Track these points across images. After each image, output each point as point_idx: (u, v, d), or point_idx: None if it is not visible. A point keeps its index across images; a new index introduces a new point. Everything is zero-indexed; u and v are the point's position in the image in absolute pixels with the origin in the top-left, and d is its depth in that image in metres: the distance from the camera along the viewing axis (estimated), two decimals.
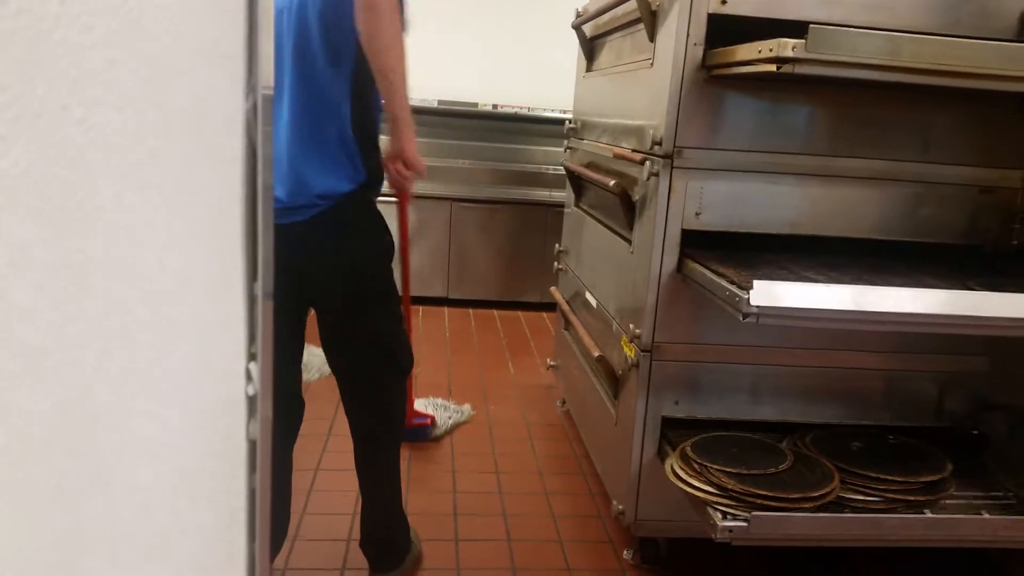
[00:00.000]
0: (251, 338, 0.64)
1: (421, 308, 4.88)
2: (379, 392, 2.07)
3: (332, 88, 1.83)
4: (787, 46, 1.66)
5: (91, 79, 0.39)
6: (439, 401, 3.37)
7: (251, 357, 0.64)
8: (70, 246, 0.39)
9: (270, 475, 0.63)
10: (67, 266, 0.39)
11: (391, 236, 2.02)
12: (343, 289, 1.93)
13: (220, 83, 0.56)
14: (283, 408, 1.98)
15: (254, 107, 0.58)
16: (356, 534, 2.25)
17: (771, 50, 1.71)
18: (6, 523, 0.36)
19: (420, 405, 3.25)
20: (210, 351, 0.60)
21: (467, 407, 3.37)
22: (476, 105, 5.33)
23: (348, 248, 1.91)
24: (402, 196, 2.17)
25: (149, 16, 0.45)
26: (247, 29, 0.57)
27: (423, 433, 3.09)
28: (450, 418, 3.23)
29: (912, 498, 1.97)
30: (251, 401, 0.64)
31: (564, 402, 3.43)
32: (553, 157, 5.31)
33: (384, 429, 2.10)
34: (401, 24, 1.77)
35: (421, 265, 4.82)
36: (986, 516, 2.01)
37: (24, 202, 0.35)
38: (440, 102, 5.18)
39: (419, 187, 2.25)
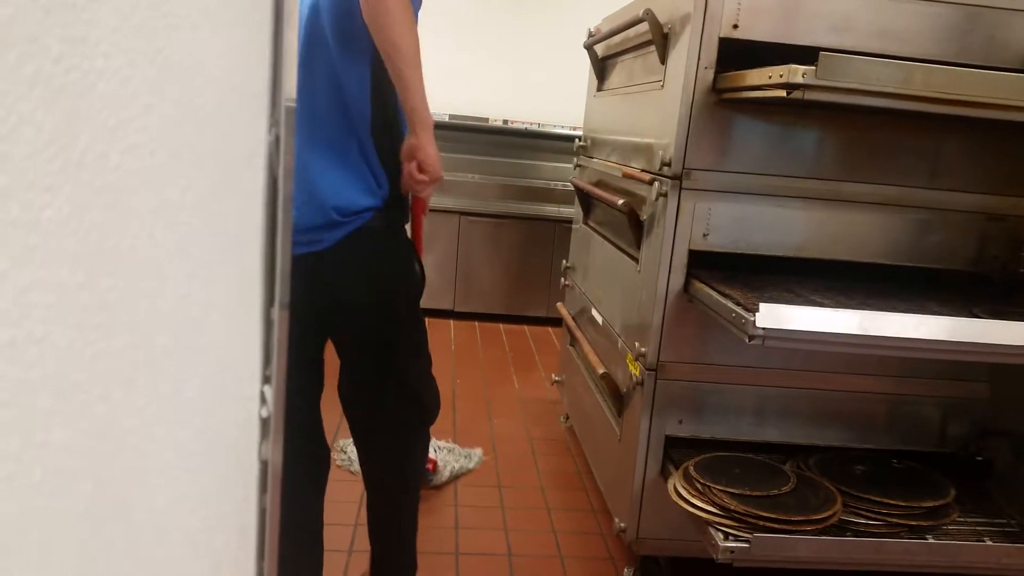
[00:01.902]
0: (266, 361, 0.66)
1: (427, 320, 4.90)
2: (399, 443, 1.86)
3: (349, 83, 1.61)
4: (797, 72, 1.68)
5: (128, 126, 0.41)
6: (443, 444, 3.13)
7: (266, 380, 0.66)
8: (103, 285, 0.41)
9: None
10: (100, 305, 0.41)
11: (423, 268, 1.87)
12: (370, 326, 1.74)
13: (245, 118, 0.58)
14: (304, 455, 1.78)
15: (276, 140, 0.60)
16: (351, 571, 2.24)
17: (781, 76, 1.72)
18: (38, 552, 0.37)
19: None
20: (227, 375, 0.62)
21: (477, 452, 3.14)
22: (487, 120, 5.37)
23: (376, 279, 1.72)
24: (417, 205, 1.89)
25: (181, 61, 0.47)
26: (272, 64, 0.59)
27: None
28: (457, 463, 3.01)
29: (915, 523, 1.97)
30: (264, 423, 0.66)
31: (568, 417, 3.44)
32: (562, 173, 5.33)
33: (401, 488, 1.90)
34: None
35: (428, 277, 4.84)
36: (989, 543, 2.01)
37: (65, 248, 0.36)
38: (451, 116, 5.22)
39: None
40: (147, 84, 0.43)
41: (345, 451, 2.99)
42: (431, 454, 2.91)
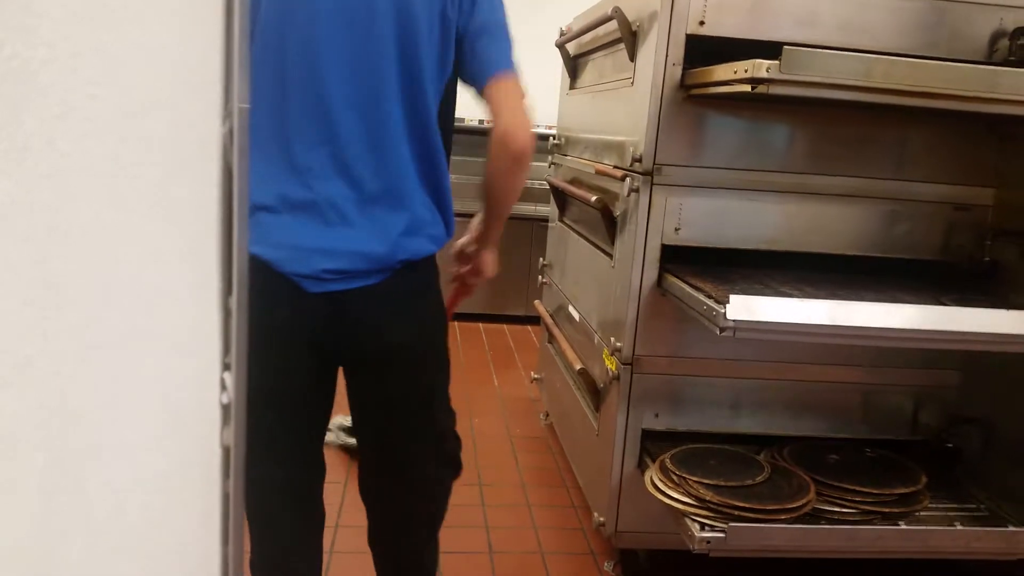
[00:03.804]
0: (226, 349, 0.67)
1: None
2: (433, 495, 1.71)
3: (433, 115, 1.46)
4: (762, 67, 1.71)
5: (75, 114, 0.43)
6: None
7: (225, 367, 0.67)
8: (53, 266, 0.42)
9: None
10: (50, 284, 0.42)
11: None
12: (413, 369, 1.53)
13: (197, 109, 0.60)
14: (301, 515, 1.61)
15: (230, 131, 0.62)
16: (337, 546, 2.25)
17: (746, 71, 1.75)
18: None
19: None
20: (184, 360, 0.64)
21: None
22: (463, 120, 5.36)
23: (422, 315, 1.54)
24: (460, 294, 1.86)
25: (130, 53, 0.49)
26: (224, 56, 0.61)
27: None
28: None
29: (887, 510, 2.00)
30: (225, 409, 0.68)
31: (547, 415, 3.46)
32: (537, 172, 5.33)
33: (432, 546, 1.77)
34: None
35: None
36: (959, 528, 2.05)
37: (12, 228, 0.38)
38: None
39: None
40: (93, 74, 0.44)
41: (330, 428, 3.00)
42: None
